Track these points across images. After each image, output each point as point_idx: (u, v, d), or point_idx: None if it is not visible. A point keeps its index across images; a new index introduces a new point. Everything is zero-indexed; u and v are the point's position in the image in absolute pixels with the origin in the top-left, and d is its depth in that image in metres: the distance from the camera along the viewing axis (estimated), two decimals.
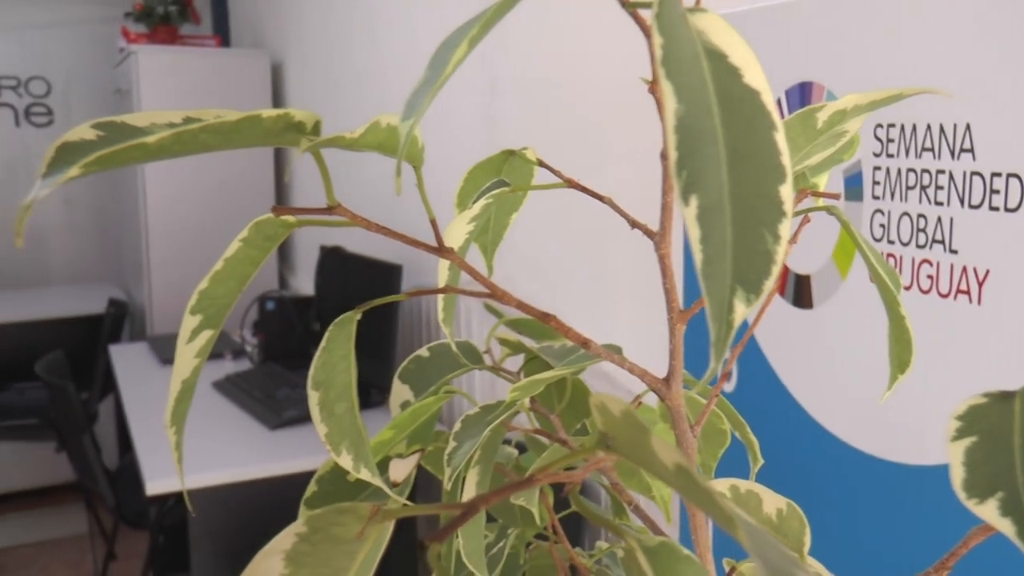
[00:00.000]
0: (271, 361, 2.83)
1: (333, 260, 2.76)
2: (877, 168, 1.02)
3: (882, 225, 1.00)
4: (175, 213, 3.83)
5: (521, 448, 0.91)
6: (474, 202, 0.47)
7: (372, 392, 2.51)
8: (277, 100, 3.91)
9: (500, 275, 2.18)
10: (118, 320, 3.71)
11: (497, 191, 0.47)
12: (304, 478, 2.21)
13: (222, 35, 4.23)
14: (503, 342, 0.67)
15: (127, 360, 3.12)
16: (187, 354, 0.39)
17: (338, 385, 0.43)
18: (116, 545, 3.43)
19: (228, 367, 2.94)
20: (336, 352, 0.43)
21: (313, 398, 0.43)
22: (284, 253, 4.04)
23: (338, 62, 3.19)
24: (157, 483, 2.12)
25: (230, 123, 0.32)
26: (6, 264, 5.36)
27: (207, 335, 0.40)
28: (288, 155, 3.96)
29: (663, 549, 0.35)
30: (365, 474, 0.45)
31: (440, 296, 0.46)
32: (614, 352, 0.47)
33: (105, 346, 3.45)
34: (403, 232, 0.42)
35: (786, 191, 0.33)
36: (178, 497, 2.50)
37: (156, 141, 0.30)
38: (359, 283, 2.62)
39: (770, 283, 0.32)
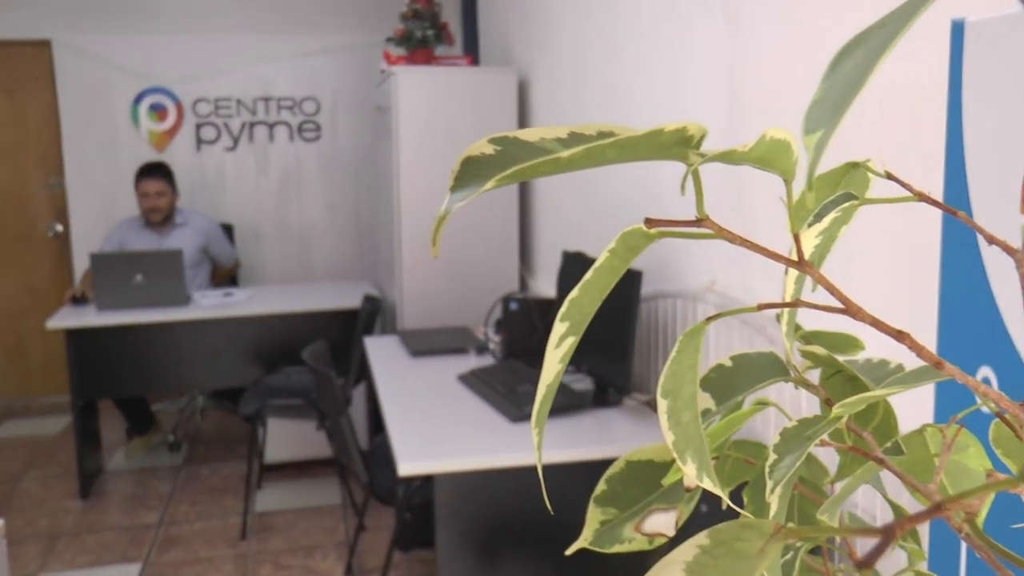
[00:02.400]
0: (512, 358, 2.87)
1: (575, 265, 2.77)
2: None
3: None
4: (424, 219, 3.96)
5: None
6: (815, 215, 0.44)
7: (609, 392, 2.50)
8: (523, 115, 3.97)
9: (739, 282, 2.12)
10: (372, 315, 3.88)
11: (846, 204, 0.43)
12: (544, 471, 2.23)
13: (473, 55, 4.34)
14: (807, 355, 0.63)
15: (380, 351, 3.25)
16: (553, 359, 0.39)
17: (685, 394, 0.41)
18: (365, 518, 3.59)
19: (472, 362, 3.01)
20: (684, 362, 0.41)
21: (662, 406, 0.41)
22: (525, 256, 4.10)
23: (583, 78, 3.20)
24: (408, 465, 2.18)
25: (636, 138, 0.30)
26: (278, 263, 5.76)
27: (570, 342, 0.39)
28: None
29: None
30: (707, 483, 0.43)
31: (785, 310, 0.43)
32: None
33: (360, 337, 3.61)
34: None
35: None
36: (424, 478, 2.57)
37: (569, 156, 0.29)
38: None
39: None
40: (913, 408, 1.24)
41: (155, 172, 4.70)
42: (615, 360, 2.44)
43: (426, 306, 3.97)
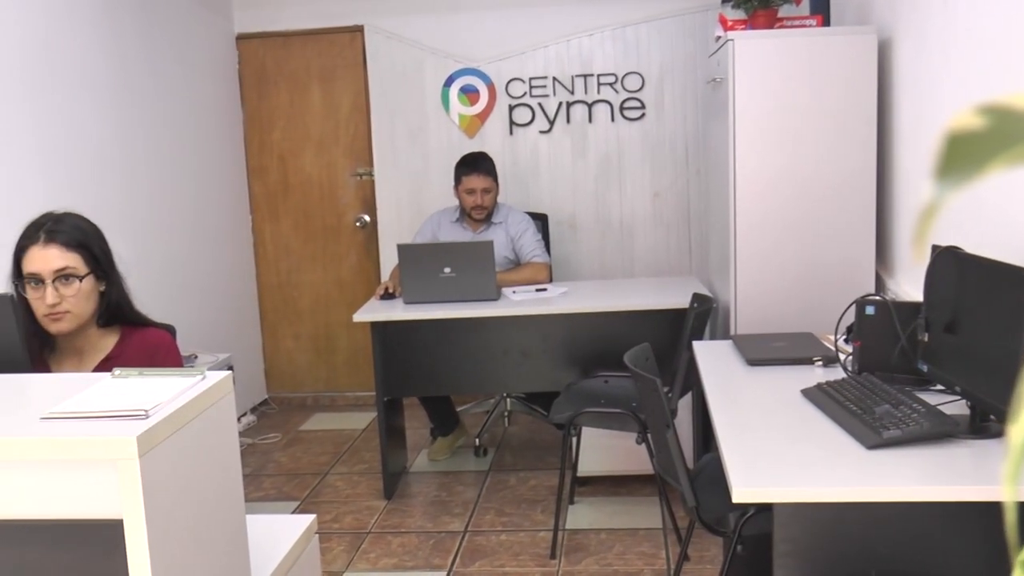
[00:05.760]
0: (868, 372, 2.75)
1: (947, 262, 2.60)
2: None
3: None
4: (765, 208, 3.89)
5: None
6: None
7: (989, 419, 2.32)
8: (883, 83, 3.78)
9: None
10: (702, 316, 3.85)
11: None
12: (905, 509, 2.10)
13: (823, 14, 4.20)
14: None
15: (711, 358, 3.22)
16: None
17: None
18: (689, 546, 3.58)
19: (818, 374, 2.91)
20: None
21: None
22: (882, 251, 3.91)
23: (961, 34, 2.99)
24: (744, 490, 2.13)
25: None
26: (596, 256, 5.89)
27: None
28: (889, 140, 3.81)
29: None
30: None
31: None
32: None
33: (688, 342, 3.59)
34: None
35: None
36: (760, 507, 2.52)
37: None
38: (979, 290, 2.43)
39: None
40: None
41: (482, 166, 4.92)
42: (998, 380, 2.26)
43: (765, 308, 3.89)
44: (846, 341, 3.04)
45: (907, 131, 3.63)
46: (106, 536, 1.42)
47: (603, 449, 4.40)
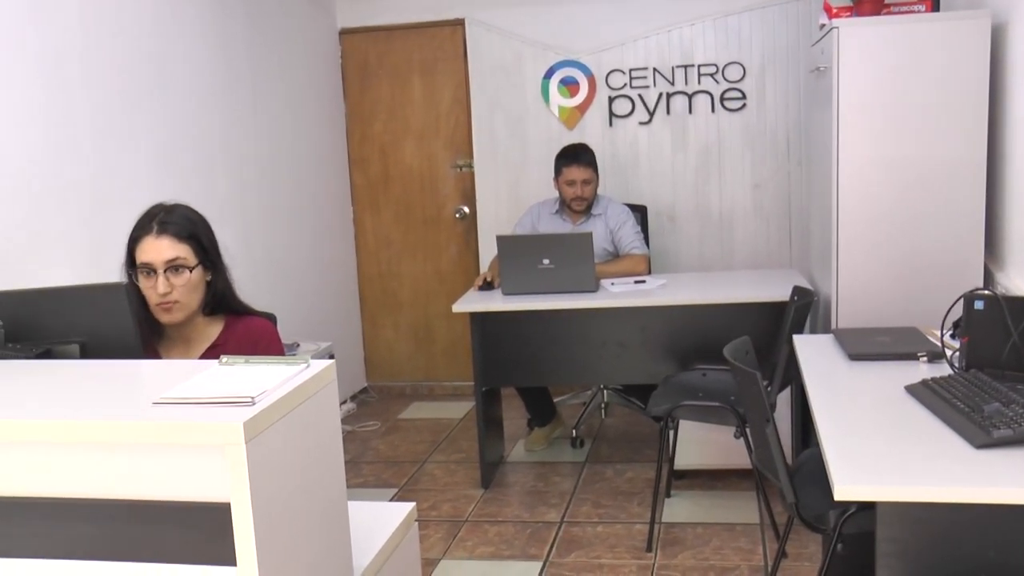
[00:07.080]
0: (976, 369, 2.67)
1: None
2: None
3: None
4: (869, 200, 3.81)
5: None
6: None
7: None
8: (996, 71, 3.66)
9: None
10: (803, 309, 3.79)
11: None
12: (1016, 512, 2.03)
13: None
14: None
15: (812, 352, 3.16)
16: None
17: None
18: (787, 543, 3.53)
19: (923, 370, 2.84)
20: None
21: None
22: (991, 244, 3.80)
23: None
24: (846, 488, 2.09)
25: None
26: (695, 248, 5.85)
27: None
28: (1001, 129, 3.69)
29: None
30: None
31: None
32: None
33: (788, 335, 3.54)
34: None
35: None
36: (862, 505, 2.47)
37: None
38: None
39: None
40: None
41: (583, 158, 4.92)
42: None
43: (867, 302, 3.81)
44: (952, 336, 2.96)
45: (1022, 120, 3.51)
46: (214, 518, 1.46)
47: (700, 442, 4.36)
